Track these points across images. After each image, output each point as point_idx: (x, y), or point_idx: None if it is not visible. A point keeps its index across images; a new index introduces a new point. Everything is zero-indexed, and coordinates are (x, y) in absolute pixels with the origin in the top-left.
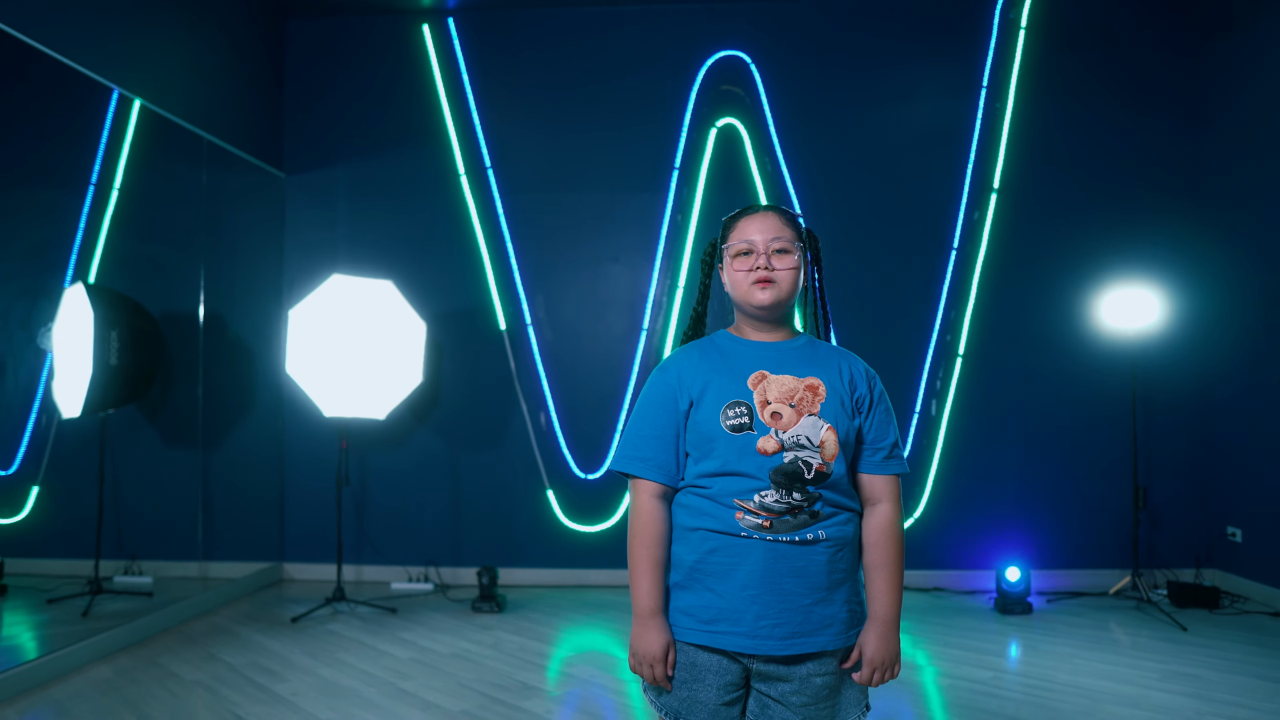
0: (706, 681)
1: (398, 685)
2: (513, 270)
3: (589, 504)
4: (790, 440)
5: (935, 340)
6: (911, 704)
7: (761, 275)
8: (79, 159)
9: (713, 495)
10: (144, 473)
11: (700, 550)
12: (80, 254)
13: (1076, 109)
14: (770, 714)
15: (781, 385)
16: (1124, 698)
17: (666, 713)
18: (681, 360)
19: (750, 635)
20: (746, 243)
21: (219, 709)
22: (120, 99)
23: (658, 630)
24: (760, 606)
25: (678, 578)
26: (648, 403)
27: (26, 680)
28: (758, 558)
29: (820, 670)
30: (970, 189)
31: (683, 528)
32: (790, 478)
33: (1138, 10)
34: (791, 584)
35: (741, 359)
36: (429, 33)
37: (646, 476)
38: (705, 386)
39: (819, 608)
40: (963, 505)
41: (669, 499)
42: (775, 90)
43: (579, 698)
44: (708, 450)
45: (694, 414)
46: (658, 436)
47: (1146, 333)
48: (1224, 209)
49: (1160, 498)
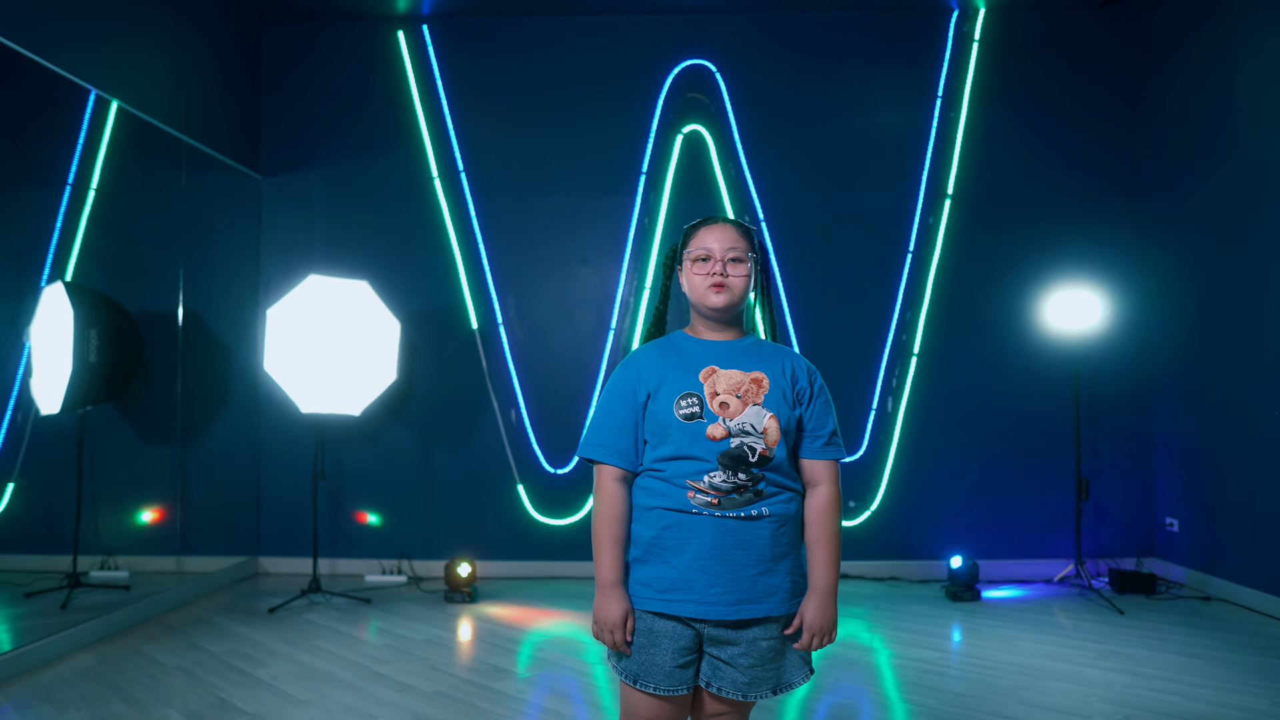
0: (663, 646)
1: (373, 669)
2: (485, 271)
3: (558, 498)
4: (737, 427)
5: (891, 339)
6: (864, 682)
7: (717, 280)
8: (56, 159)
9: (667, 477)
10: (121, 469)
11: (657, 527)
12: (58, 253)
13: (1026, 119)
14: (721, 675)
15: (729, 379)
16: (1059, 674)
17: (626, 675)
18: (641, 357)
19: (702, 602)
20: (705, 250)
21: (202, 692)
22: (97, 100)
23: (618, 600)
24: (710, 576)
25: (637, 553)
26: (611, 396)
27: (12, 668)
28: (708, 532)
29: (765, 635)
30: (925, 195)
31: (641, 507)
32: (736, 461)
33: (1084, 27)
34: (739, 556)
35: (694, 355)
36: (404, 39)
37: (609, 462)
38: (661, 380)
39: (764, 578)
40: (917, 498)
41: (629, 482)
42: (739, 98)
43: (548, 679)
44: (663, 437)
45: (651, 405)
46: (619, 426)
47: (1089, 333)
48: (1163, 217)
49: (1103, 491)
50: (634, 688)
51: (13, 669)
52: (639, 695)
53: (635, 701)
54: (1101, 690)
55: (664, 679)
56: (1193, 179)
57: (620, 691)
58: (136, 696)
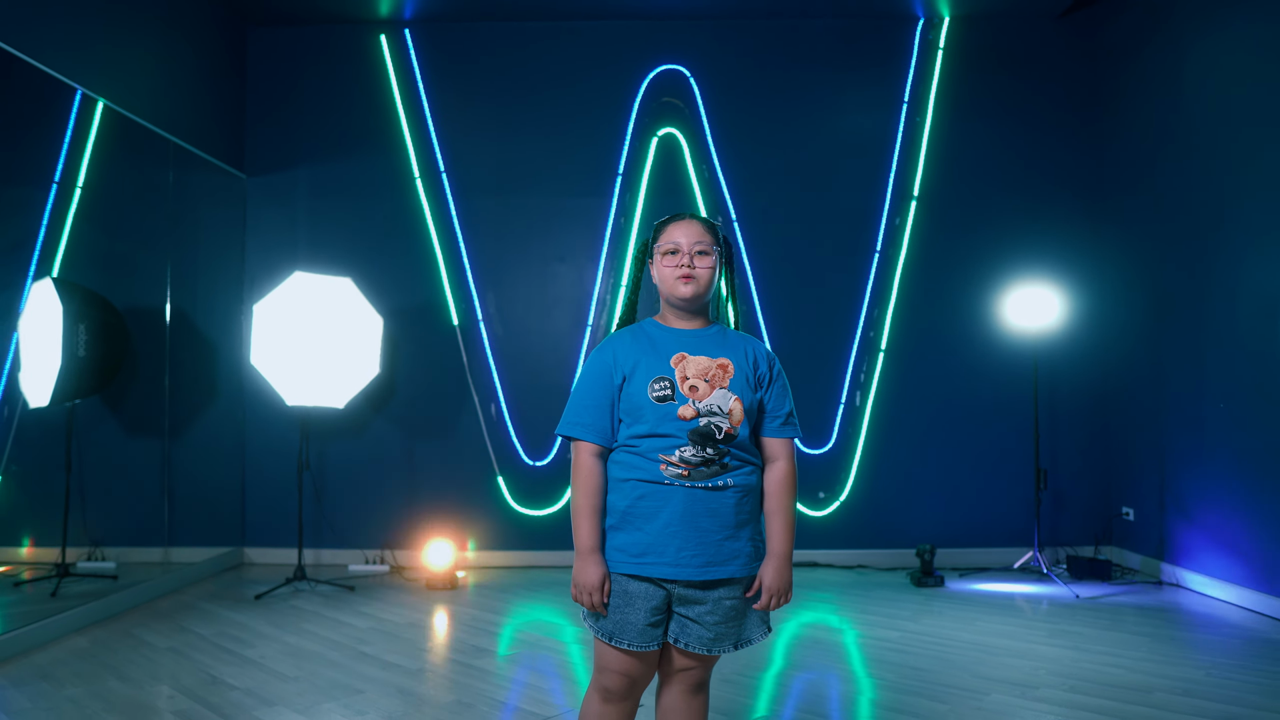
0: (636, 606)
1: (359, 649)
2: (465, 269)
3: (537, 489)
4: (705, 408)
5: (859, 336)
6: (831, 660)
7: (685, 272)
8: (42, 157)
9: (641, 452)
10: (107, 462)
11: (631, 497)
12: (44, 250)
13: (988, 124)
14: (688, 632)
15: (698, 364)
16: (1013, 650)
17: (602, 634)
18: (616, 343)
19: (673, 564)
20: (674, 244)
21: (193, 670)
22: (83, 99)
23: (596, 565)
24: (681, 540)
25: (612, 521)
26: (588, 378)
27: (6, 649)
28: (679, 501)
29: (730, 594)
30: (892, 196)
31: (616, 480)
32: (704, 437)
33: (1042, 36)
34: (706, 522)
35: (665, 342)
36: (386, 43)
37: (587, 439)
38: (636, 365)
39: (728, 542)
40: (884, 489)
41: (604, 457)
42: (713, 102)
43: (527, 658)
44: (638, 416)
45: (626, 387)
46: (596, 406)
47: (1048, 329)
48: (1117, 217)
49: (1062, 482)
50: (609, 645)
51: (7, 650)
52: (612, 651)
53: (609, 657)
54: (1051, 664)
55: (637, 636)
56: (1145, 181)
57: (595, 649)
58: (130, 675)
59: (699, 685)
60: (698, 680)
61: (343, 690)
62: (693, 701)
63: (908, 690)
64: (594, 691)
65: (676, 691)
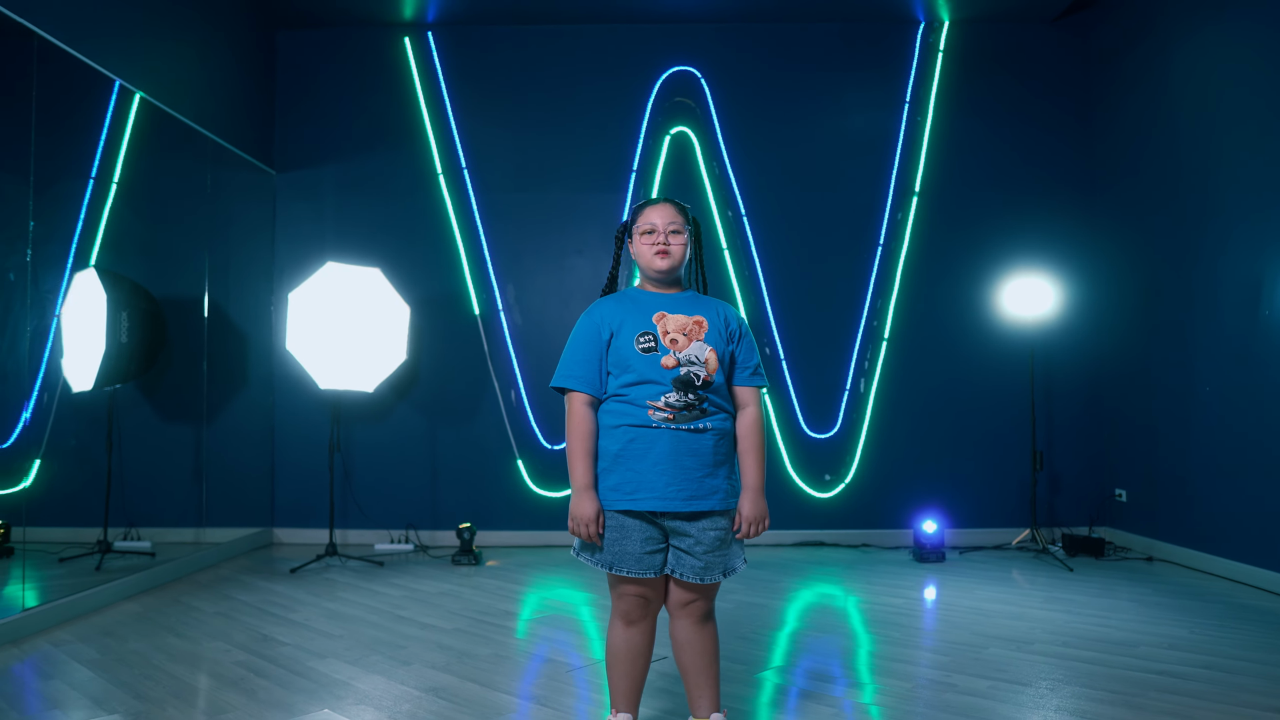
0: (632, 537)
1: (395, 614)
2: (486, 261)
3: (555, 472)
4: (684, 358)
5: (864, 325)
6: (837, 621)
7: (660, 248)
8: (81, 148)
9: (631, 400)
10: (142, 445)
11: (622, 441)
12: (83, 239)
13: (986, 122)
14: (682, 563)
15: (677, 321)
16: (1010, 614)
17: (603, 565)
18: (603, 306)
19: (661, 498)
20: (650, 224)
21: (243, 629)
22: (121, 91)
23: (591, 500)
24: (668, 478)
25: (605, 464)
26: (579, 337)
27: (66, 612)
28: (665, 442)
29: (712, 526)
30: (894, 192)
31: (607, 427)
32: (685, 385)
33: (1038, 39)
34: (689, 461)
35: (647, 303)
36: (410, 45)
37: (580, 390)
38: (622, 323)
39: (708, 479)
40: (887, 472)
41: (595, 407)
42: (723, 102)
43: (550, 620)
44: (626, 367)
45: (614, 342)
46: (587, 360)
47: (1044, 318)
48: (1109, 211)
49: (1058, 465)
50: (613, 573)
51: (69, 612)
52: (620, 580)
53: (619, 586)
54: (1045, 625)
55: (634, 564)
56: (1133, 176)
57: (609, 583)
58: (185, 633)
59: (705, 616)
60: (703, 611)
61: (386, 645)
62: (702, 631)
63: (910, 645)
64: (616, 619)
65: (686, 624)
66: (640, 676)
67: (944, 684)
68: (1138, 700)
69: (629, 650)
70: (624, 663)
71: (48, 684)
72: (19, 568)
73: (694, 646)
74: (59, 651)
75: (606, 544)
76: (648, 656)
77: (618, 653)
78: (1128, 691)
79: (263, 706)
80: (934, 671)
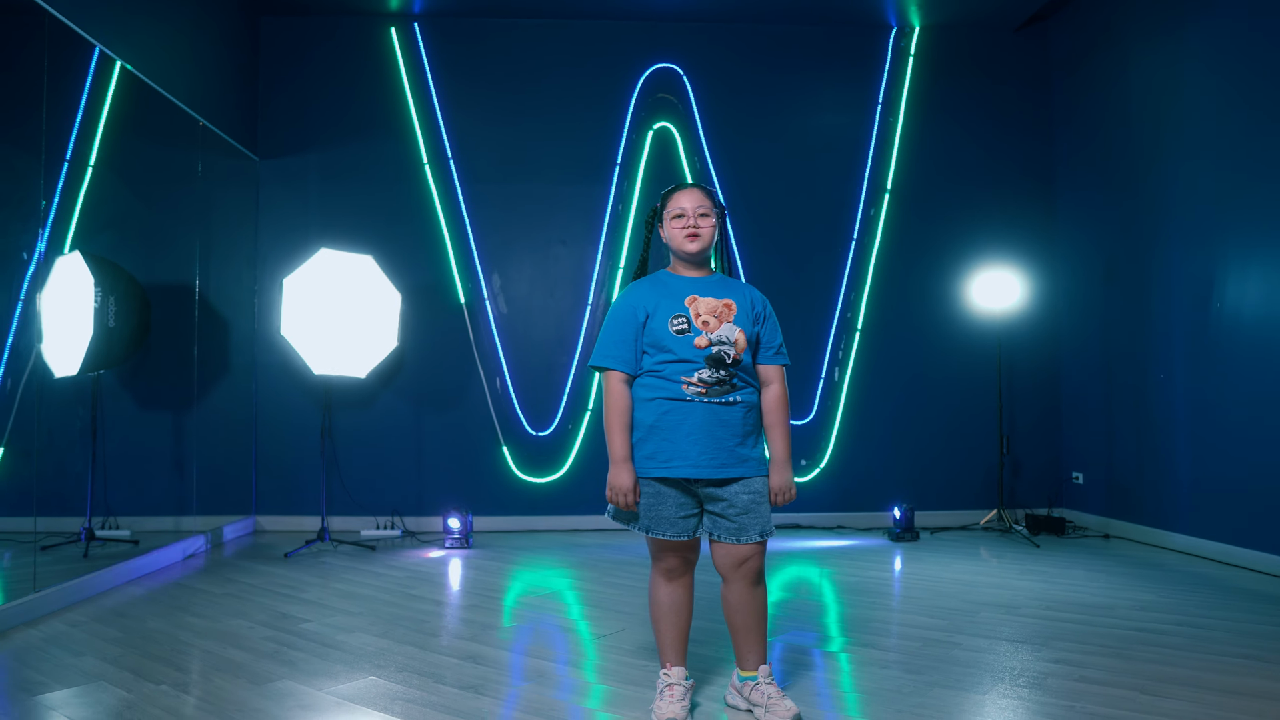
0: (668, 502)
1: (406, 591)
2: (471, 250)
3: (540, 459)
4: (716, 338)
5: (838, 317)
6: (831, 591)
7: (690, 231)
8: (58, 119)
9: (666, 376)
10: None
11: (657, 413)
12: (59, 219)
13: (954, 123)
14: (718, 525)
15: (708, 304)
16: (991, 584)
17: (640, 528)
18: (638, 289)
19: (695, 465)
20: (680, 209)
21: (260, 609)
22: (101, 58)
23: (628, 471)
24: (701, 447)
25: (640, 434)
26: (615, 318)
27: (75, 593)
28: (699, 414)
29: (744, 489)
30: (868, 189)
31: (642, 400)
32: (717, 362)
33: (1003, 45)
34: (721, 431)
35: (679, 288)
36: (395, 35)
37: (617, 368)
38: (656, 306)
39: (739, 448)
40: (861, 456)
41: (630, 384)
42: (704, 99)
43: (560, 597)
44: (661, 347)
45: (649, 324)
46: (624, 340)
47: (1009, 310)
48: (1069, 208)
49: (1019, 449)
50: (650, 536)
51: (77, 594)
52: (656, 540)
53: (658, 547)
54: (1026, 591)
55: (670, 527)
56: (1094, 175)
57: (648, 544)
58: (202, 612)
59: (757, 579)
60: (755, 573)
61: (408, 620)
62: (754, 593)
63: (909, 610)
64: (657, 576)
65: (740, 586)
66: (685, 629)
67: (948, 643)
68: (1125, 652)
69: (672, 604)
70: (669, 616)
71: (80, 659)
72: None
73: (746, 608)
74: (78, 631)
75: (643, 509)
76: (689, 610)
77: (662, 608)
78: (1114, 645)
79: (307, 675)
80: (936, 633)
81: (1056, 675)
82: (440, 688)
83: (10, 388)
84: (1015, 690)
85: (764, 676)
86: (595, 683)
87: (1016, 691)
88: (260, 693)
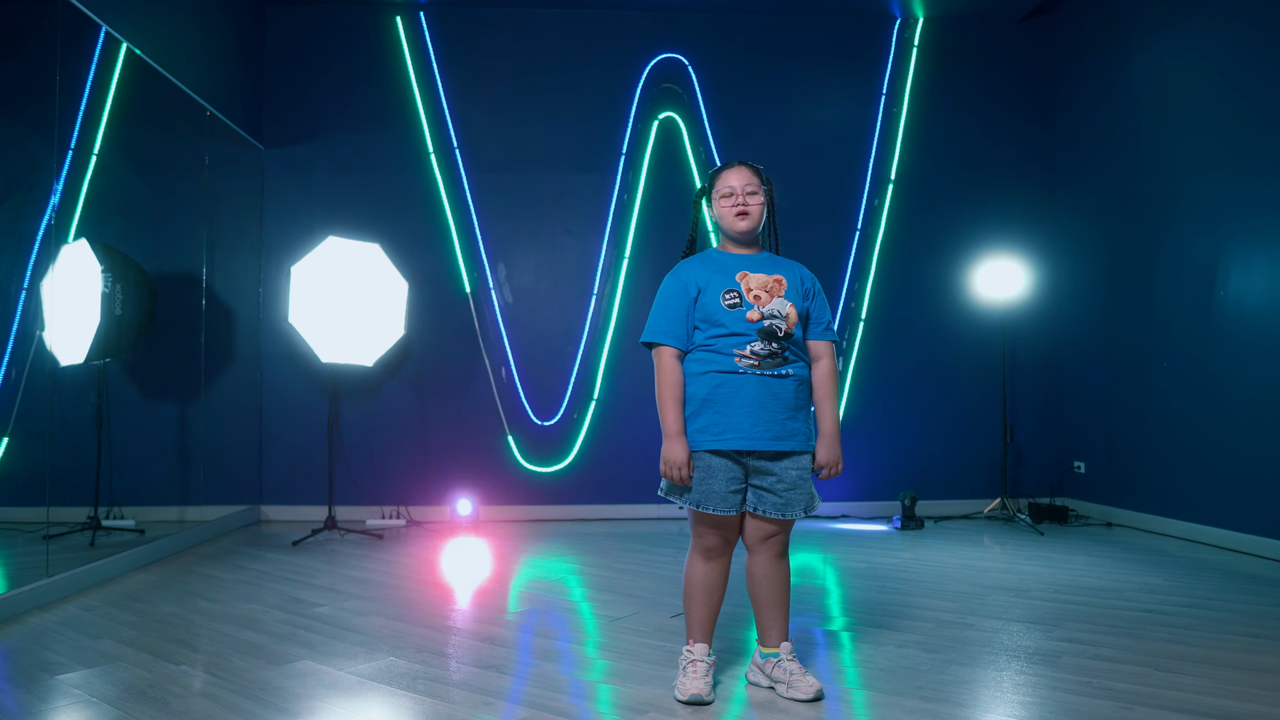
0: (718, 477)
1: (415, 577)
2: (477, 240)
3: (545, 448)
4: (768, 312)
5: (842, 306)
6: (843, 576)
7: (740, 209)
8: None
9: (718, 349)
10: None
11: (709, 386)
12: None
13: (958, 114)
14: (763, 500)
15: (759, 279)
16: (999, 568)
17: (690, 503)
18: (689, 266)
19: (748, 438)
20: (729, 188)
21: (272, 594)
22: (107, 39)
23: (682, 446)
24: (754, 419)
25: (692, 409)
26: (667, 295)
27: (87, 579)
28: (752, 386)
29: (793, 465)
30: (871, 179)
31: (693, 374)
32: (769, 335)
33: (1007, 37)
34: (773, 404)
35: (730, 264)
36: (401, 24)
37: (669, 344)
38: (708, 282)
39: (790, 422)
40: (865, 447)
41: (681, 359)
42: (709, 90)
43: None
44: (714, 322)
45: (701, 299)
46: (675, 317)
47: (1013, 300)
48: (1073, 199)
49: (1022, 439)
50: (699, 510)
51: (85, 581)
52: (702, 515)
53: (703, 522)
54: (1033, 576)
55: (719, 502)
56: (1097, 166)
57: (691, 520)
58: (215, 597)
59: (782, 552)
60: (781, 546)
61: (424, 602)
62: (779, 566)
63: (920, 593)
64: (695, 554)
65: (765, 559)
66: (715, 609)
67: (961, 624)
68: (1135, 631)
69: (706, 584)
70: (702, 595)
71: (97, 642)
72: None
73: (770, 580)
74: (92, 615)
75: (694, 484)
76: (723, 590)
77: (696, 586)
78: (1125, 625)
79: (326, 656)
80: (949, 615)
81: (1070, 653)
82: (460, 666)
83: (15, 378)
84: (1032, 667)
85: (786, 653)
86: (612, 660)
87: (1033, 669)
88: (281, 673)
